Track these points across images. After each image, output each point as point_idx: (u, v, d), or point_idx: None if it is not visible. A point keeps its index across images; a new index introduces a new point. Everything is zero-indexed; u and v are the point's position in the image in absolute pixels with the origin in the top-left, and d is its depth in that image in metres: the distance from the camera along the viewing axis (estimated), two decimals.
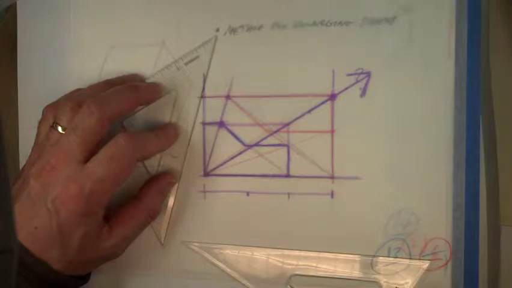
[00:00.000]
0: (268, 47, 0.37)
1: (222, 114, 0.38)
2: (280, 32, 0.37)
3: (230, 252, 0.38)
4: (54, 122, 0.34)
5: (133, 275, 0.40)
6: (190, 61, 0.38)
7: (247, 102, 0.37)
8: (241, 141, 0.38)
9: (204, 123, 0.38)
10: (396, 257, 0.36)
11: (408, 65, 0.35)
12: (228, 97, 0.38)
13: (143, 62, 0.39)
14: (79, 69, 0.40)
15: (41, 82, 0.40)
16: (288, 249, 0.37)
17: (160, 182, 0.37)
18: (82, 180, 0.32)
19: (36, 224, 0.32)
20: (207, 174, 0.38)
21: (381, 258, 0.36)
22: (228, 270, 0.38)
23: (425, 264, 0.35)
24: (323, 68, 0.36)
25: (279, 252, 0.37)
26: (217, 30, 0.38)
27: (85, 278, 0.36)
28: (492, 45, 0.37)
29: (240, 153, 0.38)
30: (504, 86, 0.37)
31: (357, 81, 0.36)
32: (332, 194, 0.36)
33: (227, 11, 0.37)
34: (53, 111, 0.35)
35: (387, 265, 0.36)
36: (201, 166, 0.38)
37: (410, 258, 0.36)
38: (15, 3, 0.41)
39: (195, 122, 0.38)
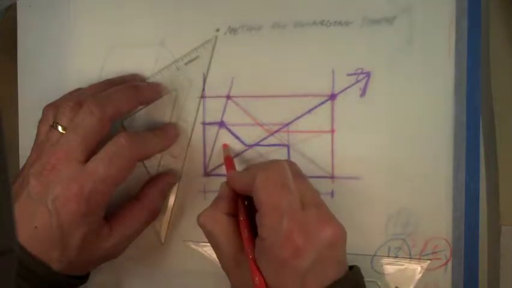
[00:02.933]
0: (268, 47, 0.37)
1: (222, 114, 0.38)
2: (280, 32, 0.37)
3: None
4: (54, 122, 0.34)
5: (133, 275, 0.40)
6: (190, 61, 0.38)
7: (247, 102, 0.37)
8: (241, 141, 0.38)
9: (204, 123, 0.38)
10: (396, 257, 0.36)
11: (408, 65, 0.35)
12: (228, 97, 0.38)
13: (143, 62, 0.39)
14: (79, 69, 0.40)
15: (41, 82, 0.40)
16: None
17: (160, 182, 0.37)
18: (83, 180, 0.32)
19: (36, 224, 0.32)
20: (207, 174, 0.38)
21: (381, 258, 0.36)
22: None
23: (425, 264, 0.35)
24: (323, 68, 0.36)
25: None
26: (217, 30, 0.38)
27: (84, 278, 0.36)
28: (492, 45, 0.37)
29: (240, 153, 0.38)
30: (504, 86, 0.37)
31: (357, 81, 0.36)
32: (332, 194, 0.36)
33: (227, 11, 0.37)
34: (53, 110, 0.35)
35: (387, 265, 0.36)
36: (201, 166, 0.38)
37: (410, 258, 0.36)
38: (15, 3, 0.41)
39: (195, 122, 0.38)
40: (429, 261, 0.35)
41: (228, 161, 0.36)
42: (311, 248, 0.28)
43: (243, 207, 0.33)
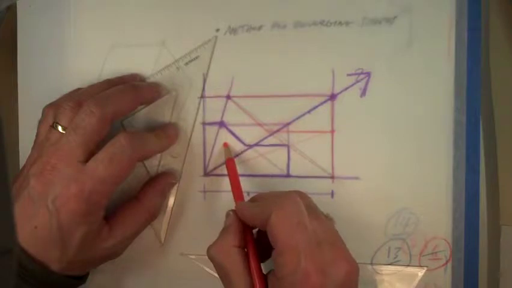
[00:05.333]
0: (268, 47, 0.37)
1: (222, 114, 0.38)
2: (280, 32, 0.37)
3: None
4: (54, 122, 0.34)
5: (133, 275, 0.40)
6: (190, 61, 0.38)
7: (247, 102, 0.37)
8: (241, 141, 0.38)
9: (204, 123, 0.38)
10: (396, 257, 0.36)
11: (408, 65, 0.35)
12: (228, 97, 0.38)
13: (143, 62, 0.39)
14: (79, 69, 0.40)
15: (41, 82, 0.40)
16: None
17: (160, 182, 0.37)
18: (83, 180, 0.32)
19: (36, 224, 0.32)
20: (207, 174, 0.38)
21: (381, 258, 0.36)
22: None
23: (425, 265, 0.35)
24: (323, 68, 0.36)
25: None
26: (217, 30, 0.38)
27: (83, 278, 0.36)
28: (492, 45, 0.37)
29: (240, 153, 0.38)
30: (504, 86, 0.37)
31: (357, 81, 0.36)
32: (332, 194, 0.36)
33: (227, 11, 0.37)
34: (53, 110, 0.35)
35: (387, 265, 0.36)
36: (201, 166, 0.38)
37: (410, 259, 0.36)
38: (15, 3, 0.41)
39: (195, 122, 0.38)
40: (429, 261, 0.35)
41: (230, 165, 0.35)
42: (328, 287, 0.28)
43: (251, 241, 0.32)
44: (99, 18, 0.39)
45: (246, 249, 0.32)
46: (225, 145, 0.37)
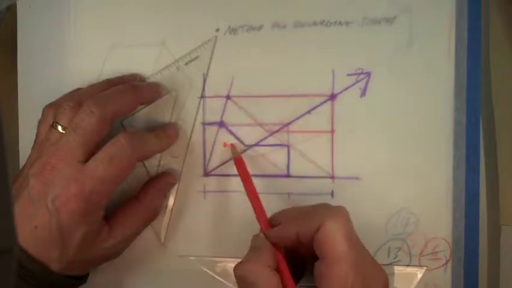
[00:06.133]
0: (268, 47, 0.37)
1: (222, 114, 0.38)
2: (280, 32, 0.37)
3: (229, 265, 0.38)
4: (54, 122, 0.34)
5: (133, 275, 0.40)
6: (190, 61, 0.38)
7: (247, 102, 0.37)
8: (241, 141, 0.38)
9: (204, 123, 0.38)
10: (396, 257, 0.36)
11: (408, 65, 0.35)
12: (228, 97, 0.38)
13: (143, 62, 0.39)
14: (79, 69, 0.40)
15: (41, 82, 0.40)
16: None
17: (160, 182, 0.37)
18: (83, 179, 0.32)
19: (36, 224, 0.32)
20: (207, 174, 0.38)
21: (381, 258, 0.36)
22: (226, 283, 0.38)
23: (425, 265, 0.35)
24: (323, 68, 0.36)
25: None
26: (217, 30, 0.38)
27: (83, 278, 0.36)
28: (492, 45, 0.37)
29: (240, 153, 0.38)
30: (504, 86, 0.37)
31: (357, 81, 0.36)
32: (332, 194, 0.36)
33: (227, 11, 0.37)
34: (53, 110, 0.35)
35: (387, 265, 0.36)
36: (201, 166, 0.38)
37: (410, 259, 0.36)
38: (15, 3, 0.41)
39: (195, 122, 0.38)
40: (429, 261, 0.35)
41: (243, 172, 0.35)
42: None
43: (284, 261, 0.31)
44: (99, 18, 0.39)
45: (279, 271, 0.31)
46: (231, 145, 0.37)
